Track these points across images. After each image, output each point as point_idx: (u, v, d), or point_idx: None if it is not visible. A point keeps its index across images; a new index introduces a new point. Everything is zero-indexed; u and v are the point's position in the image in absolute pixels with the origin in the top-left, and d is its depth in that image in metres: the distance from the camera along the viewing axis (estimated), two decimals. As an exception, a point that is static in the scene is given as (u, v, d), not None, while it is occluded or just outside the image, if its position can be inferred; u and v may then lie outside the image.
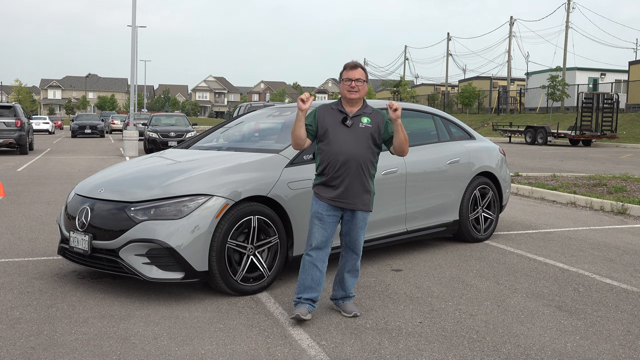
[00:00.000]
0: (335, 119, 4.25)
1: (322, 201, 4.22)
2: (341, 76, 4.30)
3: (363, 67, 4.30)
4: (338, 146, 4.18)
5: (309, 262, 4.24)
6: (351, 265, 4.39)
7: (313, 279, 4.23)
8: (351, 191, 4.18)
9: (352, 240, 4.32)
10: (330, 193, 4.20)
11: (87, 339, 3.87)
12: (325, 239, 4.23)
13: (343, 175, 4.17)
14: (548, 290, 5.07)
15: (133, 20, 24.67)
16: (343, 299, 4.43)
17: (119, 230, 4.63)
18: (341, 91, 4.29)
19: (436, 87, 76.01)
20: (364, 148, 4.20)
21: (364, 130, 4.22)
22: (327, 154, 4.21)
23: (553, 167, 17.45)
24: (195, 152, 5.85)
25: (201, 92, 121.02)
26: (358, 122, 4.23)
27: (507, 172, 7.45)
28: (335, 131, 4.21)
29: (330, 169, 4.20)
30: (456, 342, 3.90)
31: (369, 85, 4.31)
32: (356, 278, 4.44)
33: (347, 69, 4.27)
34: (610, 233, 7.62)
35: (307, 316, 4.17)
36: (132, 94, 27.66)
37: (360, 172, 4.19)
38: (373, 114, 4.30)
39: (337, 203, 4.20)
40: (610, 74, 48.86)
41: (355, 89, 4.22)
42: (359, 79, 4.23)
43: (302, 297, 4.25)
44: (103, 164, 17.45)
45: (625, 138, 33.51)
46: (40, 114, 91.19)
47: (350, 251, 4.37)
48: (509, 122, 41.68)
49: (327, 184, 4.22)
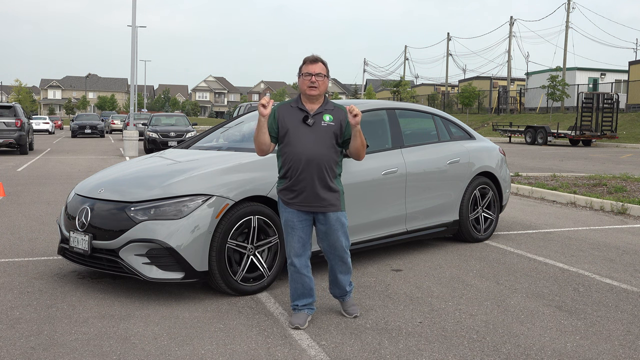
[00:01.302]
0: (295, 118, 4.04)
1: (290, 208, 4.06)
2: (300, 70, 4.07)
3: (324, 61, 4.09)
4: (299, 147, 3.98)
5: (295, 272, 4.13)
6: (340, 267, 4.24)
7: (304, 286, 4.14)
8: (318, 194, 4.00)
9: (332, 243, 4.13)
10: (295, 198, 4.03)
11: (87, 339, 3.87)
12: (303, 244, 4.10)
13: (306, 178, 3.98)
14: (548, 290, 5.07)
15: (133, 20, 24.67)
16: (342, 296, 4.36)
17: (119, 230, 4.63)
18: (300, 87, 4.09)
19: (436, 87, 76.00)
20: (327, 148, 4.00)
21: (326, 129, 4.01)
22: (289, 156, 4.02)
23: (553, 167, 17.45)
24: (195, 152, 5.85)
25: (201, 92, 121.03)
26: (320, 120, 4.02)
27: (507, 172, 7.45)
28: (296, 131, 4.00)
29: (293, 171, 4.01)
30: (456, 342, 3.90)
31: (369, 85, 4.09)
32: (349, 274, 4.30)
33: (307, 63, 4.05)
34: (610, 233, 7.62)
35: (306, 325, 4.11)
36: (132, 94, 27.66)
37: (324, 174, 4.00)
38: (335, 111, 4.08)
39: (305, 207, 4.03)
40: (610, 74, 48.86)
41: (315, 84, 3.99)
42: (319, 74, 4.01)
43: (298, 304, 4.17)
44: (103, 164, 17.45)
45: (625, 138, 33.51)
46: (40, 114, 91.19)
47: (334, 256, 4.20)
48: (509, 122, 41.69)
49: (291, 189, 4.03)
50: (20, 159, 19.12)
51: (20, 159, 19.13)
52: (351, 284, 4.37)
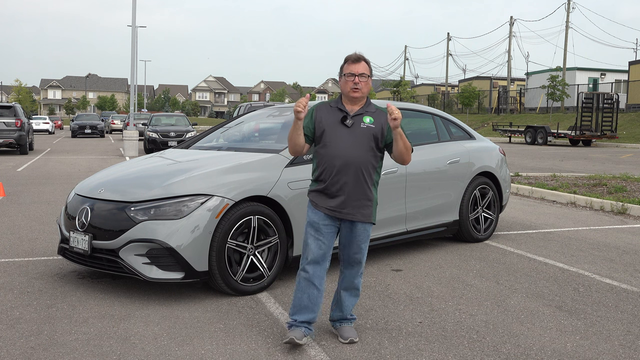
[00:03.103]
0: (334, 118, 3.76)
1: (318, 210, 3.76)
2: (342, 70, 3.78)
3: (367, 60, 3.77)
4: (336, 149, 3.70)
5: (305, 278, 3.75)
6: (349, 282, 3.89)
7: (310, 298, 3.75)
8: (351, 200, 3.71)
9: (351, 254, 3.82)
10: (327, 202, 3.73)
11: (87, 339, 3.87)
12: (323, 252, 3.75)
13: (341, 182, 3.69)
14: (548, 290, 5.07)
15: (133, 20, 24.68)
16: (340, 321, 3.95)
17: (119, 230, 4.63)
18: (342, 88, 3.80)
19: (436, 87, 76.03)
20: (365, 151, 3.71)
21: (366, 131, 3.73)
22: (324, 158, 3.73)
23: (553, 167, 17.45)
24: (195, 152, 5.85)
25: (201, 92, 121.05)
26: (359, 121, 3.74)
27: (507, 172, 7.45)
28: (333, 132, 3.72)
29: (327, 174, 3.72)
30: (456, 342, 3.90)
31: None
32: (356, 298, 3.94)
33: (349, 62, 3.74)
34: (610, 233, 7.62)
35: (302, 340, 3.69)
36: (132, 94, 27.66)
37: (361, 179, 3.71)
38: (376, 113, 3.80)
39: (335, 213, 3.73)
40: (610, 74, 48.86)
41: (358, 85, 3.71)
42: (362, 74, 3.72)
43: (297, 319, 3.77)
44: (103, 164, 17.45)
45: (625, 138, 33.52)
46: (40, 114, 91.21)
47: (348, 266, 3.87)
48: (509, 122, 41.70)
49: (324, 192, 3.75)
50: (20, 159, 19.12)
51: (20, 159, 19.13)
52: (353, 316, 4.01)
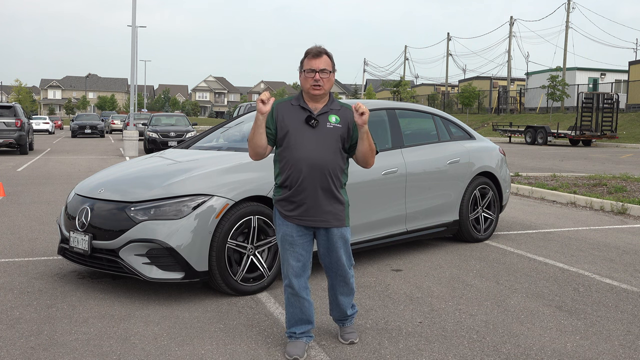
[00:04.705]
0: (297, 118, 3.52)
1: (288, 221, 3.56)
2: (302, 65, 3.53)
3: (329, 53, 3.53)
4: (301, 151, 3.46)
5: (293, 294, 3.63)
6: (341, 288, 3.77)
7: (303, 311, 3.66)
8: (321, 206, 3.51)
9: (334, 262, 3.67)
10: (295, 210, 3.53)
11: (87, 339, 3.87)
12: (303, 264, 3.61)
13: (309, 188, 3.48)
14: (548, 290, 5.07)
15: (133, 20, 24.67)
16: (342, 320, 3.90)
17: (119, 230, 4.63)
18: (302, 84, 3.55)
19: (436, 87, 76.01)
20: (333, 153, 3.50)
21: (332, 131, 3.50)
22: (288, 162, 3.50)
23: (553, 167, 17.45)
24: (195, 152, 5.85)
25: (201, 92, 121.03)
26: (325, 121, 3.51)
27: (507, 172, 7.45)
28: (298, 133, 3.49)
29: (293, 179, 3.50)
30: (456, 342, 3.90)
31: (369, 85, 3.84)
32: (352, 295, 3.84)
33: (309, 57, 3.49)
34: (610, 233, 7.62)
35: (304, 356, 3.61)
36: (132, 94, 27.66)
37: (329, 183, 3.50)
38: (342, 111, 3.57)
39: (307, 222, 3.54)
40: (610, 74, 48.85)
41: (319, 82, 3.46)
42: (324, 70, 3.47)
43: (296, 331, 3.69)
44: (103, 164, 17.45)
45: (625, 138, 33.51)
46: (40, 114, 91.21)
47: (334, 274, 3.73)
48: (509, 122, 41.69)
49: (290, 199, 3.53)
50: (20, 159, 19.12)
51: (20, 159, 19.13)
52: (354, 307, 3.90)
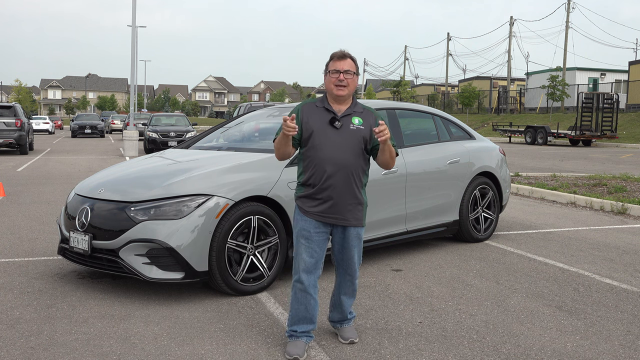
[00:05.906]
0: (321, 119, 3.64)
1: (308, 217, 3.65)
2: (327, 67, 3.67)
3: (353, 57, 3.67)
4: (325, 152, 3.58)
5: (301, 290, 3.67)
6: (347, 287, 3.86)
7: (308, 309, 3.70)
8: (341, 205, 3.62)
9: (346, 259, 3.77)
10: (317, 207, 3.63)
11: (87, 339, 3.87)
12: (316, 260, 3.67)
13: (331, 187, 3.59)
14: (548, 290, 5.07)
15: (133, 20, 24.68)
16: (341, 322, 3.95)
17: (119, 230, 4.63)
18: (327, 85, 3.68)
19: (436, 87, 76.00)
20: (355, 154, 3.62)
21: (355, 132, 3.62)
22: (313, 161, 3.62)
23: (553, 167, 17.45)
24: (195, 152, 5.85)
25: (201, 92, 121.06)
26: (348, 122, 3.63)
27: (507, 172, 7.45)
28: (322, 134, 3.60)
29: (316, 178, 3.61)
30: (456, 342, 3.90)
31: (368, 85, 3.90)
32: (353, 298, 3.92)
33: (334, 59, 3.64)
34: (610, 233, 7.62)
35: (304, 356, 3.64)
36: (132, 94, 27.66)
37: (352, 183, 3.62)
38: (365, 113, 3.70)
39: (326, 219, 3.64)
40: (610, 74, 48.85)
41: (343, 82, 3.60)
42: (348, 71, 3.61)
43: (297, 330, 3.72)
44: (103, 164, 17.45)
45: (625, 138, 33.51)
46: (40, 114, 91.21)
47: (343, 272, 3.82)
48: (509, 122, 41.69)
49: (313, 197, 3.64)
50: (20, 159, 19.12)
51: (20, 159, 19.13)
52: (352, 313, 3.99)
